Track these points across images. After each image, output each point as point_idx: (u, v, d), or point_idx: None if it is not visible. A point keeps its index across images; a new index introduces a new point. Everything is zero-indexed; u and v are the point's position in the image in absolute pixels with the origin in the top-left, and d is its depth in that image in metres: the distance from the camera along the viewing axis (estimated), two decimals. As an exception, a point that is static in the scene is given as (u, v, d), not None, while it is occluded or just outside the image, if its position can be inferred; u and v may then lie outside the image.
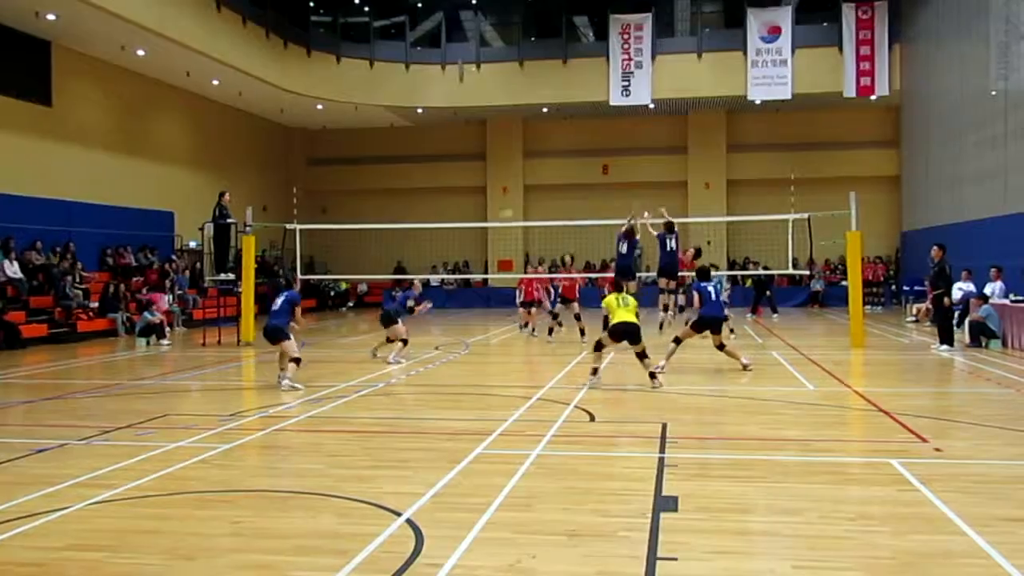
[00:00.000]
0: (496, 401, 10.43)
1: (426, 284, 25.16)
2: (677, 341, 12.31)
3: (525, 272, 21.38)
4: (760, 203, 29.98)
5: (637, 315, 10.82)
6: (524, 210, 33.75)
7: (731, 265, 30.59)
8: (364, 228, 25.01)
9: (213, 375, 13.36)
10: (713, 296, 11.94)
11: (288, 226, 20.20)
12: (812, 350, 15.87)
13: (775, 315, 24.59)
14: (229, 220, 18.33)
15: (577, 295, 17.13)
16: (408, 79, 30.23)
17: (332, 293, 33.50)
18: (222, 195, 18.44)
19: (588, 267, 31.08)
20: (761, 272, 25.01)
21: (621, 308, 10.91)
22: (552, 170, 33.73)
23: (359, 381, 11.86)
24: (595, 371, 10.83)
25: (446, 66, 30.09)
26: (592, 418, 9.11)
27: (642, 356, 10.70)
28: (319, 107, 30.70)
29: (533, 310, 18.57)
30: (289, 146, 35.36)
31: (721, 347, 12.21)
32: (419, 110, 31.23)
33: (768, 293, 24.64)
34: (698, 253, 17.57)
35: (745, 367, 11.88)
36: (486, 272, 31.72)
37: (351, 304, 32.96)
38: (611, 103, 28.00)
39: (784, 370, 13.09)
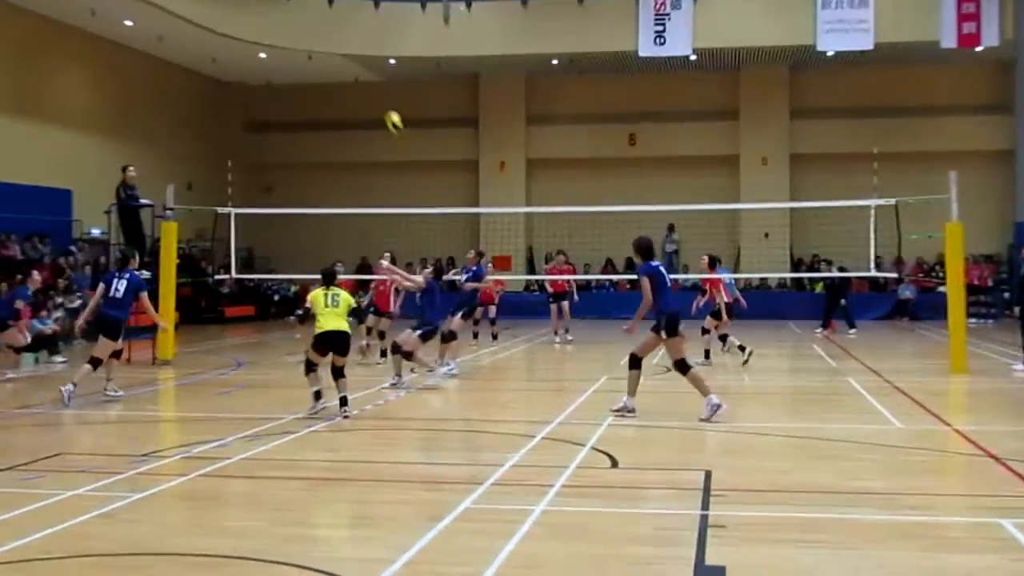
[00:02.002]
0: (489, 440, 10.56)
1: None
2: (634, 361, 11.60)
3: (544, 267, 23.88)
4: (832, 185, 30.31)
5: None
6: (526, 193, 34.12)
7: (796, 266, 30.84)
8: (319, 213, 24.86)
9: (122, 403, 13.44)
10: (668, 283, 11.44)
11: (221, 210, 20.49)
12: (899, 376, 16.02)
13: (852, 331, 24.98)
14: (141, 202, 18.71)
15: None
16: (378, 21, 30.38)
17: (276, 298, 33.78)
18: (125, 169, 18.81)
19: (609, 267, 32.12)
20: (834, 275, 25.31)
21: (329, 310, 11.33)
22: (563, 141, 33.88)
23: (310, 412, 11.91)
24: (317, 395, 11.55)
25: (427, 4, 30.32)
26: (614, 463, 9.22)
27: (338, 375, 11.34)
28: (262, 56, 31.07)
29: (565, 305, 21.29)
30: (223, 107, 35.61)
31: (683, 369, 11.35)
32: (392, 61, 31.58)
33: (843, 302, 25.12)
34: (713, 262, 17.85)
35: (716, 409, 11.01)
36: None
37: (300, 312, 32.12)
38: (640, 54, 27.88)
39: (863, 402, 13.23)
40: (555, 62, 32.19)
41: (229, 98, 35.62)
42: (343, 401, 11.44)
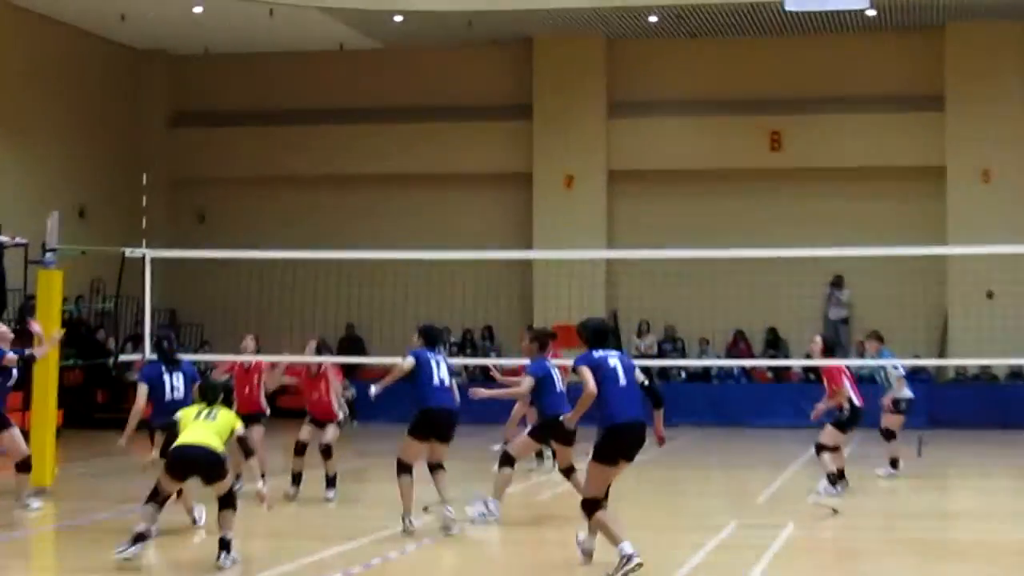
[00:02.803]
0: None
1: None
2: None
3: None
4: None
5: (230, 437, 11.56)
6: (607, 223, 30.41)
7: None
8: (281, 257, 22.75)
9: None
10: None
11: (129, 251, 19.31)
12: None
13: None
14: (2, 239, 18.72)
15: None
16: None
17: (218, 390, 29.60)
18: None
19: (739, 344, 29.31)
20: None
21: (198, 423, 11.36)
22: (664, 142, 30.46)
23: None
24: (137, 537, 11.42)
25: None
26: None
27: (223, 505, 11.43)
28: (197, 9, 28.12)
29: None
30: (137, 89, 32.60)
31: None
32: (397, 18, 28.73)
33: None
34: (830, 347, 17.66)
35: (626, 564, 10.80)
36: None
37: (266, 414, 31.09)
38: (787, 6, 25.68)
39: None
40: (653, 18, 28.84)
41: (146, 76, 32.45)
42: (223, 545, 11.31)
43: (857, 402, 16.66)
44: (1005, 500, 17.79)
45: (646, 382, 11.49)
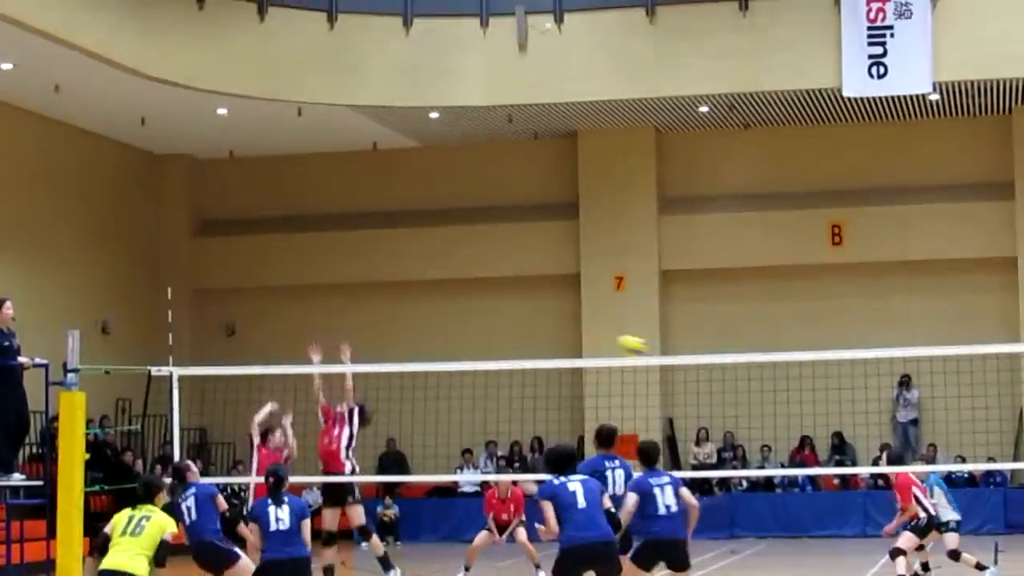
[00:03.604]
0: None
1: (452, 489, 29.19)
2: None
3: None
4: None
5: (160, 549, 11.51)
6: (661, 326, 29.66)
7: None
8: (317, 371, 20.51)
9: None
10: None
11: (156, 369, 18.52)
12: None
13: None
14: (21, 360, 17.13)
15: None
16: (410, 51, 27.43)
17: (244, 511, 28.75)
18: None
19: (804, 451, 28.52)
20: None
21: (123, 540, 11.38)
22: (719, 239, 30.00)
23: None
24: None
25: (490, 20, 27.24)
26: None
27: None
28: (221, 112, 27.93)
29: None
30: (159, 196, 32.38)
31: None
32: (433, 115, 28.35)
33: None
34: (895, 459, 18.04)
35: None
36: (582, 459, 27.08)
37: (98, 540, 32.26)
38: (845, 92, 25.84)
39: None
40: (705, 109, 28.43)
41: (168, 182, 32.05)
42: None
43: (932, 511, 16.51)
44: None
45: (612, 509, 12.16)
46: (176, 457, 18.74)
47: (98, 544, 11.98)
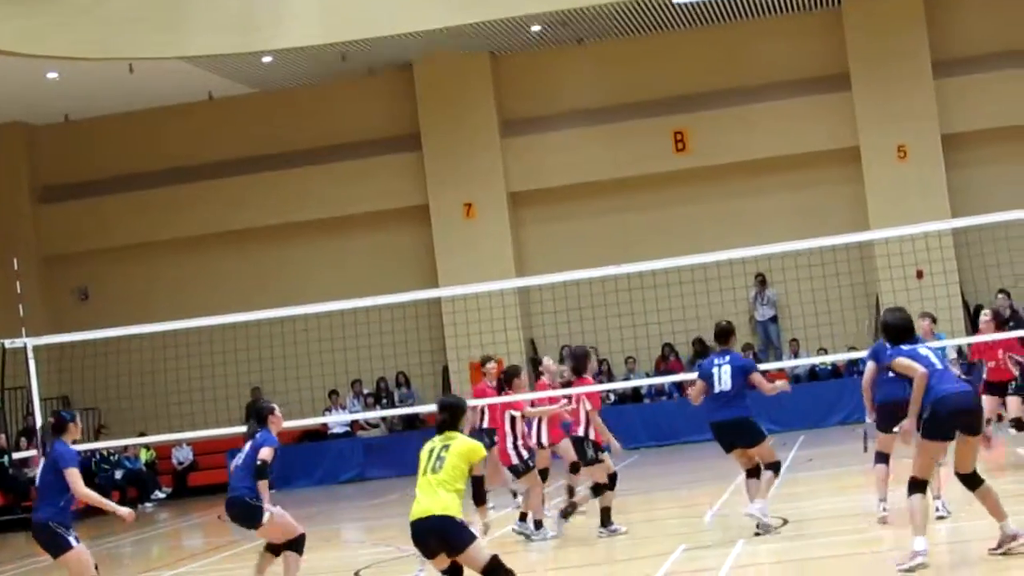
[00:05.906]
0: None
1: (321, 433, 29.66)
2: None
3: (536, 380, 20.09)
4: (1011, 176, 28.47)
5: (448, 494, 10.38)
6: (514, 248, 30.41)
7: (973, 321, 26.17)
8: (176, 328, 21.83)
9: None
10: (939, 364, 11.92)
11: (10, 342, 18.89)
12: None
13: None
14: None
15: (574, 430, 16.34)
16: None
17: (118, 475, 29.94)
18: None
19: (668, 358, 29.34)
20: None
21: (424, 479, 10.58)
22: (563, 156, 30.40)
23: None
24: None
25: None
26: None
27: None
28: (52, 75, 28.33)
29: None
30: None
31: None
32: (266, 59, 28.84)
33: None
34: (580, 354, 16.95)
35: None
36: (447, 390, 29.32)
37: (160, 495, 30.87)
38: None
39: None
40: (536, 27, 28.75)
41: (3, 150, 32.16)
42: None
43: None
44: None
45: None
46: (38, 430, 16.34)
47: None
